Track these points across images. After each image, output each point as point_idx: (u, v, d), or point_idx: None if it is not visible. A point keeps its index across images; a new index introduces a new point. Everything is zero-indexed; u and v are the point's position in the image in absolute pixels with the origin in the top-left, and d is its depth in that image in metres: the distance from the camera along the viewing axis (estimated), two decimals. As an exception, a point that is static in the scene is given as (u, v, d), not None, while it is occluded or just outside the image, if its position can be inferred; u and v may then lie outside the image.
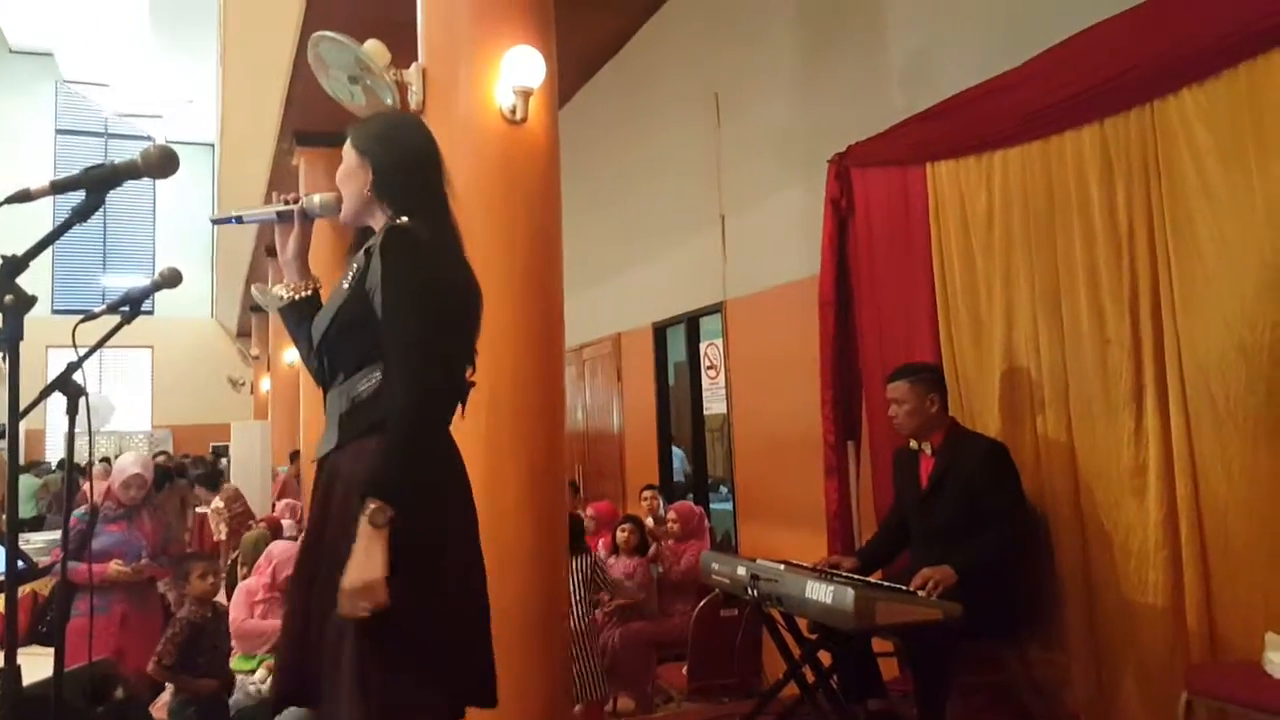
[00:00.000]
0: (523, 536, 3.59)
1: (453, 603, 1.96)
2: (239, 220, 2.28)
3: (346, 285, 2.06)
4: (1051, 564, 3.36)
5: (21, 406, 2.18)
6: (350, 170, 2.14)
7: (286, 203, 2.23)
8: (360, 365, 1.99)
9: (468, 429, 2.16)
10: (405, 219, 2.03)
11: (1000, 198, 3.59)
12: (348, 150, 2.16)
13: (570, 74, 7.01)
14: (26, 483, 14.88)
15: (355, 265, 2.06)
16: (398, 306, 1.94)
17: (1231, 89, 2.77)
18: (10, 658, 1.55)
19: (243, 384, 21.08)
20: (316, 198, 2.20)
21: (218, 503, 8.54)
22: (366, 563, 1.76)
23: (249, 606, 4.73)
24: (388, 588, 1.78)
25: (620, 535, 5.31)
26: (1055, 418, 3.38)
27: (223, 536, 8.22)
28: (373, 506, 1.78)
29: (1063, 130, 3.31)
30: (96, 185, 1.48)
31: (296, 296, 2.23)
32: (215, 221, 2.36)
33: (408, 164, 2.12)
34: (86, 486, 4.27)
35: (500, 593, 2.35)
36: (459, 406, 2.09)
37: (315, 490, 2.07)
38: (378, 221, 2.12)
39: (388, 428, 1.87)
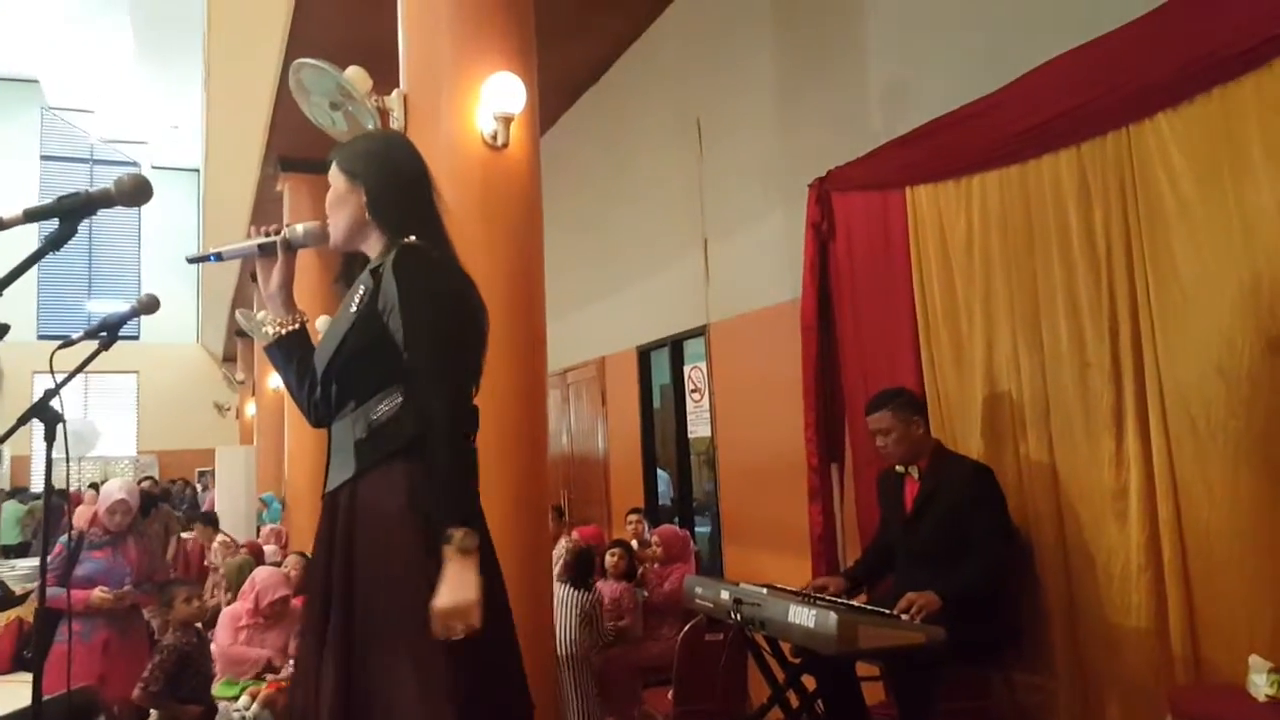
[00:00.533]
0: (505, 564, 3.56)
1: (497, 631, 1.93)
2: (218, 258, 2.19)
3: (354, 310, 2.00)
4: (1035, 586, 3.36)
5: (1, 432, 2.17)
6: (341, 195, 2.09)
7: (267, 234, 2.16)
8: (376, 390, 1.95)
9: None
10: (410, 239, 2.01)
11: (979, 221, 3.62)
12: (335, 175, 2.11)
13: (552, 100, 7.06)
14: (11, 509, 14.77)
15: (362, 288, 2.01)
16: (423, 324, 1.92)
17: (1205, 113, 2.80)
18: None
19: (228, 409, 20.99)
20: (300, 227, 2.14)
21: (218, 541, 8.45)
22: (460, 586, 1.77)
23: (234, 631, 4.71)
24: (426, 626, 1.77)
25: (609, 560, 5.30)
26: (1037, 440, 3.39)
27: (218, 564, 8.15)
28: (459, 534, 1.79)
29: (1040, 154, 3.34)
30: (70, 214, 1.47)
31: (284, 331, 2.15)
32: (192, 260, 2.26)
33: (401, 184, 2.09)
34: (69, 512, 4.25)
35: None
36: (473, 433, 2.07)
37: (328, 522, 1.98)
38: (372, 245, 2.09)
39: (433, 449, 1.85)
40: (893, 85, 4.48)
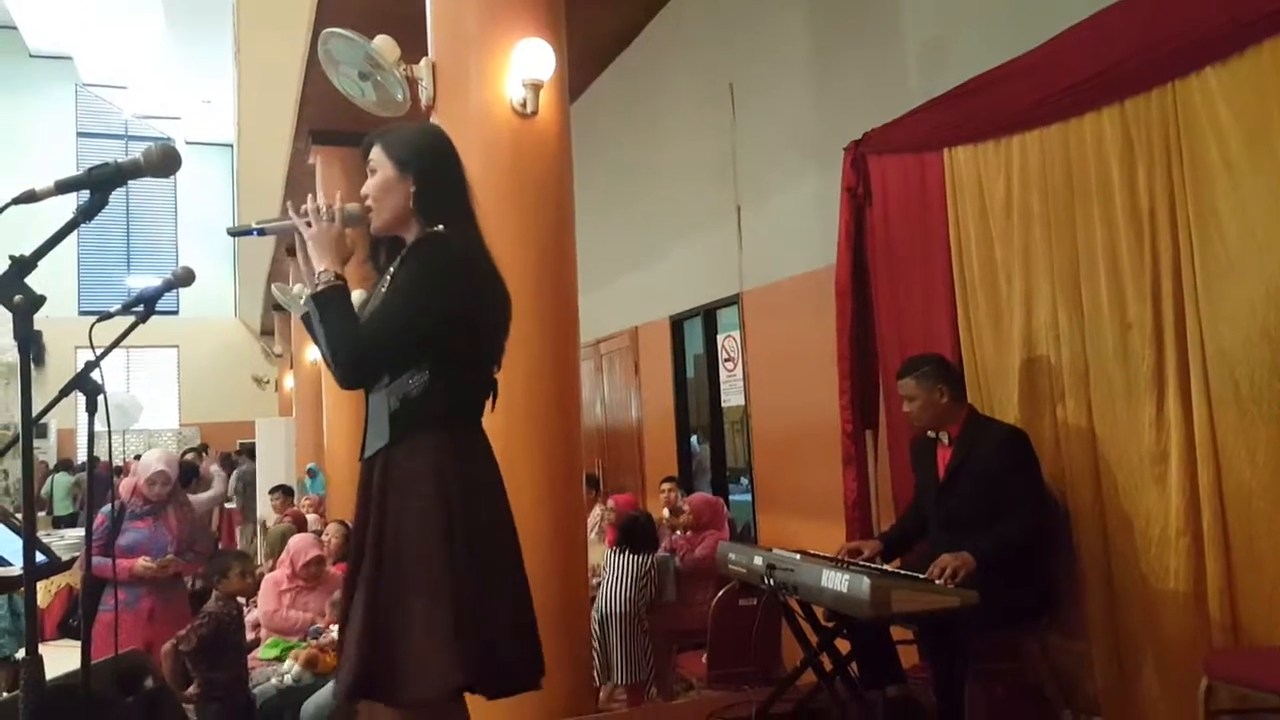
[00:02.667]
0: (540, 531, 3.59)
1: (504, 587, 2.09)
2: (260, 233, 2.26)
3: (384, 290, 2.15)
4: (1071, 551, 3.33)
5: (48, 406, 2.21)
6: (389, 183, 2.18)
7: (304, 214, 2.20)
8: (406, 368, 2.08)
9: (484, 425, 2.22)
10: (440, 228, 2.14)
11: (1019, 182, 3.55)
12: (382, 161, 2.20)
13: (582, 67, 7.00)
14: (61, 481, 15.14)
15: (392, 270, 2.16)
16: (397, 294, 2.09)
17: (1255, 66, 2.71)
18: (32, 649, 1.57)
19: (267, 382, 21.26)
20: (349, 207, 2.20)
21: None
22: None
23: (277, 596, 4.87)
24: (440, 574, 1.98)
25: None
26: (1075, 404, 3.34)
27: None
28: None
29: (1082, 112, 3.27)
30: (100, 184, 1.49)
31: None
32: (234, 233, 2.30)
33: (449, 179, 2.21)
34: (119, 484, 4.35)
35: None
36: (489, 401, 2.24)
37: (365, 486, 2.14)
38: (410, 232, 2.20)
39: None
40: (929, 44, 4.40)
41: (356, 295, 2.17)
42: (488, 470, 2.19)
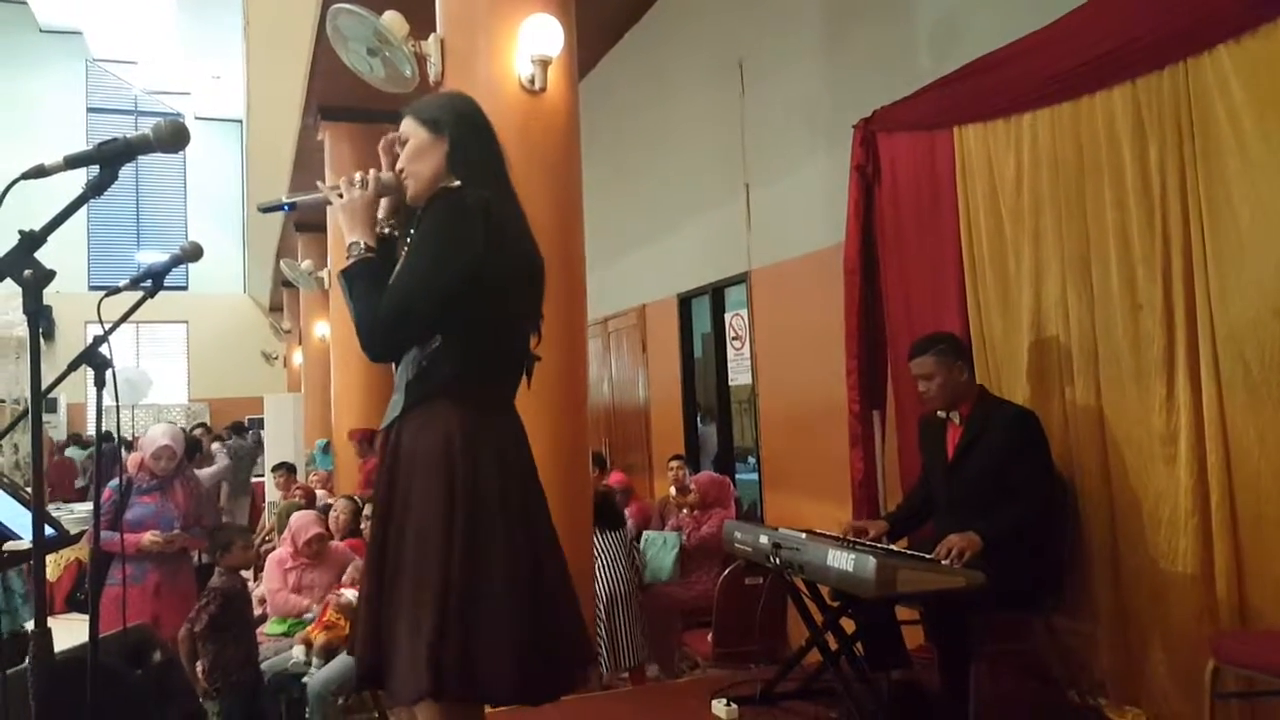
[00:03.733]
0: (547, 507, 3.60)
1: (504, 592, 1.93)
2: (291, 207, 2.21)
3: (403, 255, 2.07)
4: (1079, 532, 3.33)
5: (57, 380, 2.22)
6: (423, 147, 2.10)
7: (335, 188, 2.16)
8: (433, 332, 2.00)
9: None
10: (459, 184, 2.05)
11: (1029, 160, 3.53)
12: (414, 128, 2.12)
13: (591, 43, 6.95)
14: (74, 455, 15.23)
15: (411, 232, 2.09)
16: (411, 254, 2.00)
17: (1268, 45, 2.69)
18: (40, 622, 1.58)
19: (275, 358, 21.30)
20: (383, 175, 2.15)
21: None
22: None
23: (281, 575, 4.86)
24: (432, 568, 1.88)
25: None
26: (1084, 384, 3.33)
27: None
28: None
29: (1093, 90, 3.24)
30: (110, 160, 1.49)
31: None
32: (264, 209, 2.23)
33: (482, 139, 2.14)
34: (128, 458, 4.35)
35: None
36: (524, 377, 2.15)
37: (383, 459, 2.09)
38: None
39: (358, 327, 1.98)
40: (940, 22, 4.36)
41: None
42: (508, 454, 2.04)
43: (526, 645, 1.91)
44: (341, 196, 2.08)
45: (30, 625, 1.60)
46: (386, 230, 2.16)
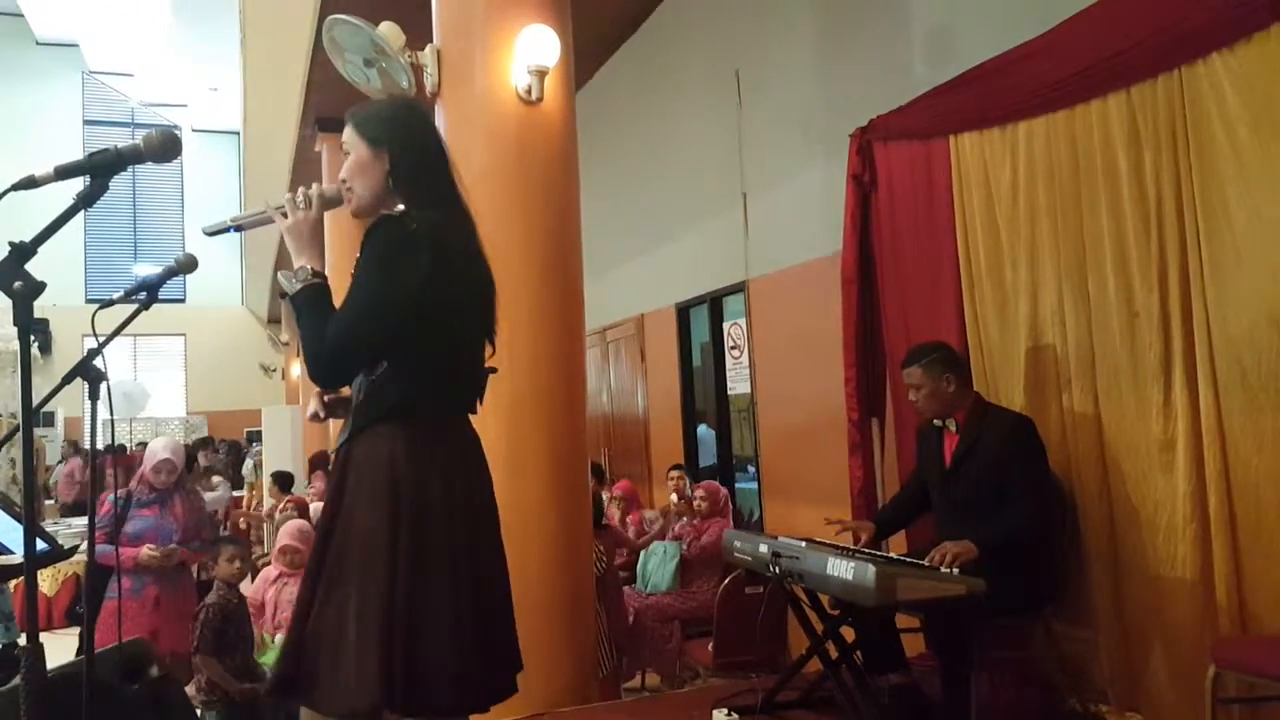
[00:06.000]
0: (545, 520, 3.60)
1: (461, 591, 1.96)
2: (237, 229, 2.11)
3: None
4: (1077, 539, 3.32)
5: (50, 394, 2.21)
6: (364, 163, 2.06)
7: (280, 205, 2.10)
8: (381, 358, 2.00)
9: (487, 413, 2.18)
10: (403, 209, 2.03)
11: (1025, 169, 3.53)
12: (354, 141, 2.08)
13: (588, 54, 6.97)
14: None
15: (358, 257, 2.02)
16: (353, 284, 1.95)
17: (1263, 52, 2.69)
18: (33, 637, 1.57)
19: (273, 370, 21.30)
20: (325, 189, 2.10)
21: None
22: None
23: (264, 586, 4.71)
24: (376, 577, 1.87)
25: None
26: (1082, 392, 3.33)
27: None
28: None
29: (1089, 99, 3.25)
30: (101, 170, 1.49)
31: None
32: (209, 233, 2.15)
33: (425, 154, 2.08)
34: (110, 471, 4.34)
35: (523, 576, 2.35)
36: (474, 392, 2.12)
37: (331, 478, 2.09)
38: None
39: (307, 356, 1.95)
40: (935, 31, 4.37)
41: None
42: (454, 472, 2.02)
43: (468, 658, 1.93)
44: (286, 217, 2.03)
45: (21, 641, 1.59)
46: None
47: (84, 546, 2.98)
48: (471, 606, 1.97)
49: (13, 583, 3.86)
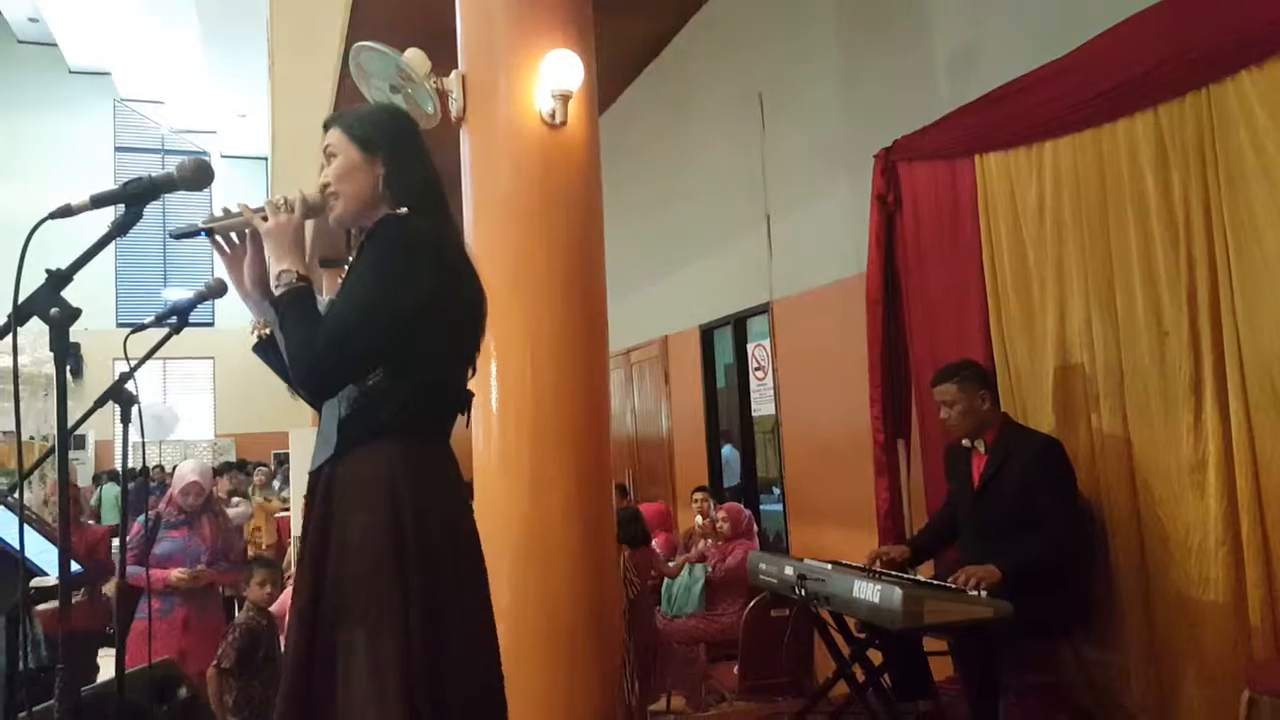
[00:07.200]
0: (570, 541, 3.58)
1: (468, 632, 1.83)
2: (207, 234, 1.94)
3: (344, 284, 1.89)
4: (1107, 561, 3.28)
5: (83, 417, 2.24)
6: (352, 166, 1.94)
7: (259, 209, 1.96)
8: (371, 369, 1.84)
9: (512, 436, 2.15)
10: (405, 211, 1.90)
11: (1051, 188, 3.52)
12: (343, 144, 1.95)
13: (611, 78, 7.02)
14: (110, 491, 15.35)
15: (351, 261, 1.91)
16: (356, 284, 1.82)
17: (1292, 70, 2.68)
18: (65, 658, 1.59)
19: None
20: (308, 194, 1.96)
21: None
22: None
23: (286, 603, 4.71)
24: (387, 603, 1.74)
25: None
26: (1111, 413, 3.30)
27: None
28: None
29: (1115, 118, 3.23)
30: (135, 198, 1.51)
31: (266, 333, 2.08)
32: (176, 235, 1.95)
33: (422, 163, 1.98)
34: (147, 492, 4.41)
35: (547, 596, 2.34)
36: (460, 412, 1.99)
37: (311, 503, 1.88)
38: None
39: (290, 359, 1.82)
40: (959, 51, 4.37)
41: (323, 302, 1.91)
42: (451, 495, 1.90)
43: (483, 699, 1.83)
44: (266, 220, 1.89)
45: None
46: (266, 334, 2.05)
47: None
48: (482, 640, 1.87)
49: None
